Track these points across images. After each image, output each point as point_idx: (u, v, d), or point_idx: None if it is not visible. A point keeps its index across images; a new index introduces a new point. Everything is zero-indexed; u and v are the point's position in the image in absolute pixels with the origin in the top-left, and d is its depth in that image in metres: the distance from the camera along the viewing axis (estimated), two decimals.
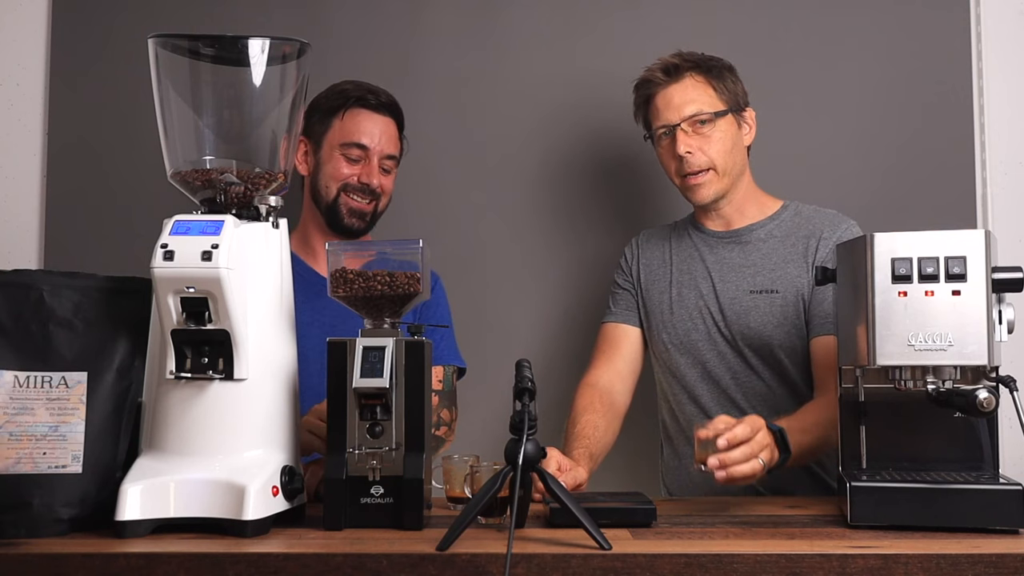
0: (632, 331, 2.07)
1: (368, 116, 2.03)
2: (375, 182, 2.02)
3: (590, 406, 1.93)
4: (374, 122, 2.03)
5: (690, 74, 1.95)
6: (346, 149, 2.02)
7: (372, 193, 2.02)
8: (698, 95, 1.94)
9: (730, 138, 1.95)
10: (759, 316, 1.94)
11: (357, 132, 2.02)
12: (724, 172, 1.94)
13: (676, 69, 1.96)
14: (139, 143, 2.28)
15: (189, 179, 1.45)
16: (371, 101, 2.04)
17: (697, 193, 1.96)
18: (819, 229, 1.96)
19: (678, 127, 1.93)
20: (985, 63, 2.34)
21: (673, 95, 1.95)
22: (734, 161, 1.96)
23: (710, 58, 1.99)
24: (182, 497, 1.33)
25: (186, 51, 1.50)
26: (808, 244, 1.95)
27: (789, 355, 1.93)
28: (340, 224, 2.02)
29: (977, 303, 1.39)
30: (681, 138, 1.93)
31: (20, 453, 1.35)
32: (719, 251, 2.03)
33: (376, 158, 2.02)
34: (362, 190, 2.01)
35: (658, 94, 1.97)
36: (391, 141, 2.05)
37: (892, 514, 1.37)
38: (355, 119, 2.03)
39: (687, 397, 2.01)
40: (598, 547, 1.23)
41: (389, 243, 1.55)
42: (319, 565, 1.21)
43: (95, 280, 1.43)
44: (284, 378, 1.45)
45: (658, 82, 1.97)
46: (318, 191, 2.04)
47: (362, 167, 2.02)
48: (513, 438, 1.29)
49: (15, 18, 2.45)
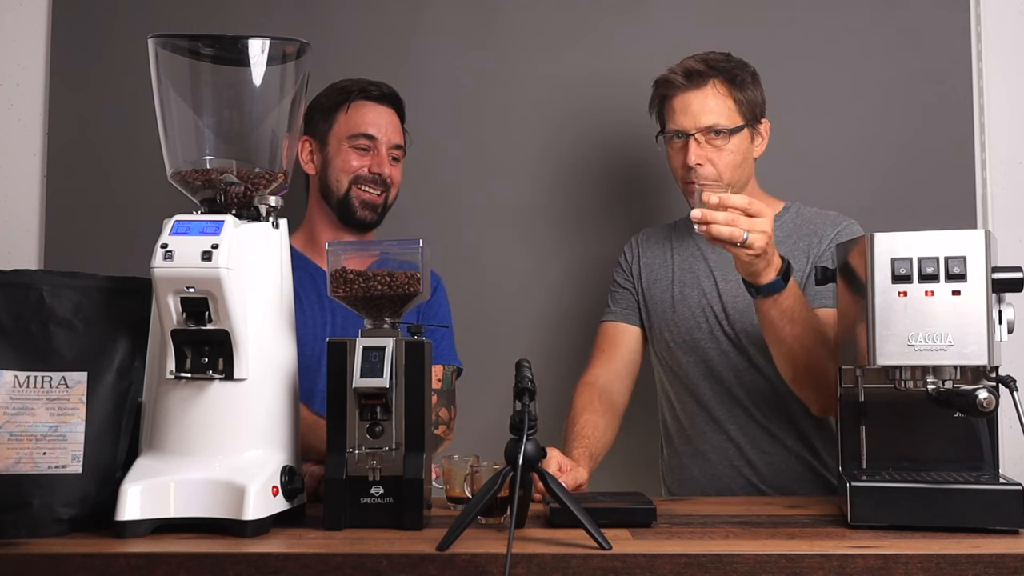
0: (631, 330, 2.07)
1: (372, 107, 2.04)
2: (386, 171, 2.02)
3: (589, 405, 1.93)
4: (379, 112, 2.04)
5: (712, 82, 1.92)
6: (354, 141, 2.02)
7: (383, 183, 2.03)
8: (717, 106, 1.92)
9: (741, 152, 1.94)
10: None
11: (364, 123, 2.02)
12: (730, 184, 1.94)
13: (699, 76, 1.92)
14: (139, 143, 2.28)
15: (189, 179, 1.45)
16: (373, 92, 2.05)
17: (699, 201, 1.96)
18: (820, 228, 1.97)
19: (692, 136, 1.92)
20: (985, 63, 2.34)
21: (692, 101, 1.93)
22: (741, 174, 1.96)
23: (735, 64, 1.96)
24: (182, 497, 1.33)
25: (186, 51, 1.50)
26: (811, 242, 1.95)
27: None
28: (353, 218, 2.02)
29: (977, 303, 1.39)
30: (693, 148, 1.91)
31: (20, 453, 1.35)
32: (720, 250, 2.02)
33: (384, 148, 2.03)
34: (373, 180, 2.02)
35: (676, 97, 1.95)
36: (396, 131, 2.06)
37: (892, 514, 1.37)
38: (360, 111, 2.03)
39: (689, 396, 2.01)
40: (598, 547, 1.23)
41: (389, 243, 1.55)
42: (319, 565, 1.21)
43: (95, 280, 1.43)
44: (284, 378, 1.45)
45: (678, 85, 1.94)
46: (328, 187, 2.04)
47: (372, 157, 2.02)
48: (513, 438, 1.29)
49: (15, 18, 2.45)
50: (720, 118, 1.92)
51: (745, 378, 1.96)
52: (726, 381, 1.97)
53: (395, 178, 2.06)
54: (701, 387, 1.99)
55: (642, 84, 2.06)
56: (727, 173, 1.93)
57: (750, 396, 1.95)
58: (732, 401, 1.96)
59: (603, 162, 2.39)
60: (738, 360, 1.97)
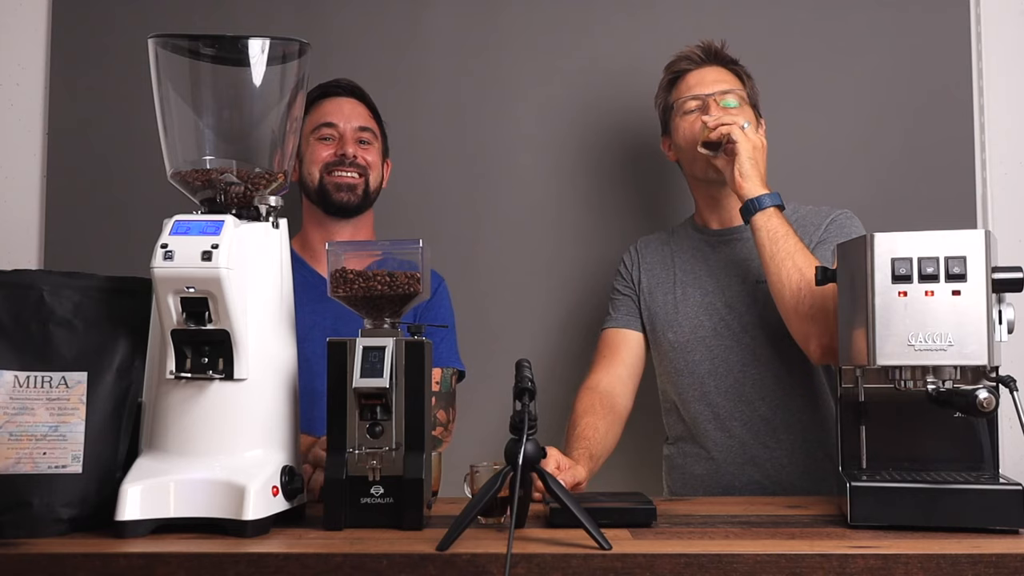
0: (633, 336, 2.07)
1: (332, 100, 2.11)
2: (350, 150, 2.06)
3: (590, 409, 1.93)
4: (339, 103, 2.11)
5: (723, 65, 2.06)
6: (317, 132, 2.08)
7: (356, 165, 2.06)
8: (731, 81, 2.04)
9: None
10: (763, 309, 1.94)
11: (323, 114, 2.10)
12: None
13: (716, 55, 2.06)
14: (139, 143, 2.28)
15: (189, 179, 1.45)
16: (332, 88, 2.11)
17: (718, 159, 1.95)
18: (816, 220, 1.99)
19: (711, 97, 1.99)
20: (985, 63, 2.34)
21: (707, 74, 2.03)
22: None
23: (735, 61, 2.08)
24: (182, 497, 1.33)
25: (186, 51, 1.50)
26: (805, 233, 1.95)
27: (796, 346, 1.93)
28: (331, 203, 2.06)
29: (977, 303, 1.39)
30: (712, 106, 1.98)
31: (20, 453, 1.35)
32: (721, 248, 2.03)
33: (348, 132, 2.07)
34: (341, 163, 2.06)
35: (693, 72, 2.04)
36: (360, 116, 2.11)
37: (892, 514, 1.37)
38: (321, 106, 2.11)
39: (695, 395, 2.01)
40: (598, 547, 1.23)
41: (389, 243, 1.55)
42: (319, 565, 1.21)
43: (95, 280, 1.43)
44: (284, 378, 1.45)
45: (696, 60, 2.05)
46: (306, 183, 2.10)
47: (336, 144, 2.08)
48: (513, 438, 1.29)
49: (15, 18, 2.45)
50: (735, 87, 2.03)
51: (750, 372, 1.96)
52: (730, 376, 1.97)
53: (370, 161, 2.09)
54: (707, 384, 1.99)
55: (643, 85, 2.06)
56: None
57: (755, 390, 1.96)
58: (737, 397, 1.97)
59: (605, 163, 2.39)
60: (743, 354, 1.97)
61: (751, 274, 1.98)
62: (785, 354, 1.94)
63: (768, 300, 1.93)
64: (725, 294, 1.99)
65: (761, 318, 1.95)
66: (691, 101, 2.01)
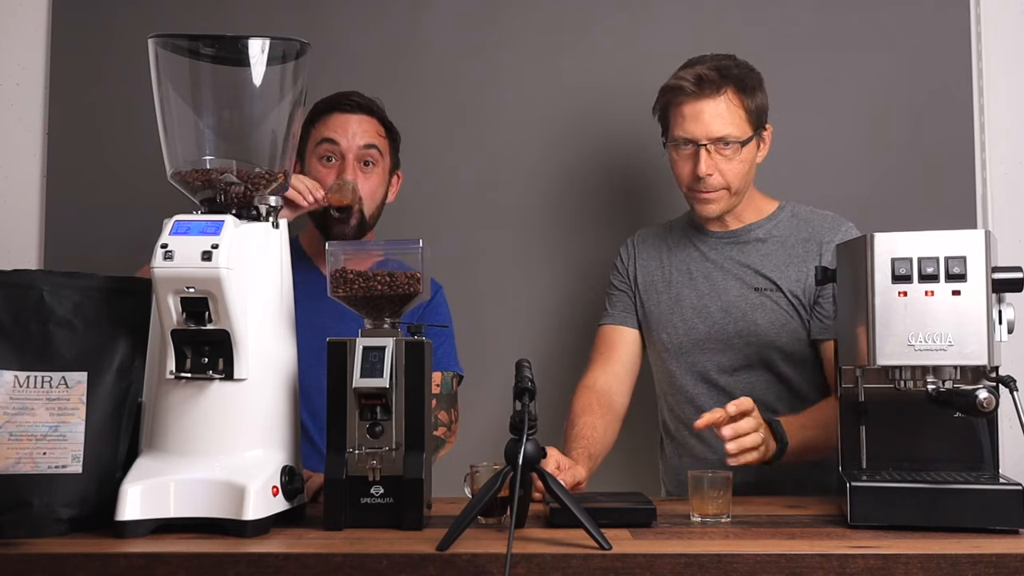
0: (629, 333, 2.07)
1: (339, 116, 2.02)
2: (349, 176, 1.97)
3: (588, 408, 1.93)
4: (345, 119, 2.01)
5: (725, 92, 1.88)
6: (319, 148, 2.01)
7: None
8: (730, 117, 1.89)
9: (749, 161, 1.94)
10: (758, 315, 1.94)
11: (327, 129, 2.01)
12: (736, 192, 1.94)
13: (711, 84, 1.88)
14: (139, 143, 2.27)
15: (189, 179, 1.45)
16: (342, 103, 2.03)
17: (706, 208, 1.96)
18: (819, 233, 1.96)
19: (703, 146, 1.89)
20: (985, 63, 2.34)
21: (704, 110, 1.88)
22: (747, 181, 1.96)
23: (744, 70, 1.93)
24: (182, 497, 1.33)
25: (186, 51, 1.50)
26: (808, 248, 1.95)
27: (788, 355, 1.93)
28: (329, 231, 1.98)
29: (977, 303, 1.39)
30: (704, 158, 1.89)
31: (20, 453, 1.35)
32: (717, 251, 2.03)
33: (351, 153, 1.99)
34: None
35: (687, 104, 1.90)
36: (367, 133, 2.01)
37: (892, 514, 1.37)
38: (326, 121, 2.02)
39: (684, 398, 2.01)
40: (598, 547, 1.23)
41: (389, 243, 1.56)
42: (319, 565, 1.21)
43: (95, 280, 1.43)
44: (284, 378, 1.45)
45: (690, 92, 1.89)
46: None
47: (336, 168, 1.99)
48: (513, 438, 1.29)
49: (15, 18, 2.45)
50: (732, 129, 1.89)
51: (741, 379, 1.96)
52: (722, 381, 1.97)
53: (368, 190, 1.99)
54: (697, 388, 1.99)
55: (642, 86, 2.06)
56: (735, 182, 1.93)
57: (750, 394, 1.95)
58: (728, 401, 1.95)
59: (602, 164, 2.39)
60: (734, 361, 1.96)
61: (746, 282, 1.98)
62: (774, 367, 1.94)
63: (761, 310, 1.94)
64: (721, 298, 1.98)
65: (752, 328, 1.94)
66: (682, 143, 1.91)
